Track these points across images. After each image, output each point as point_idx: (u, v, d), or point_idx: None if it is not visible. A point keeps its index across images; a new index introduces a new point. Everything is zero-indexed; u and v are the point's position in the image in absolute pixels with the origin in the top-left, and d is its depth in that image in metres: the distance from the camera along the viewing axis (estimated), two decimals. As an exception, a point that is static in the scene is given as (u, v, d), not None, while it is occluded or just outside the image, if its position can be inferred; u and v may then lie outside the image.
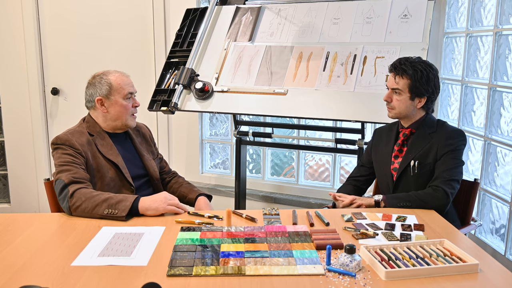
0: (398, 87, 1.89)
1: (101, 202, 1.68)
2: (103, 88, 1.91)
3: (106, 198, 1.69)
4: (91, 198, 1.69)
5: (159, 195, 1.76)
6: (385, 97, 1.95)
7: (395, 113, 1.94)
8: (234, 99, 2.64)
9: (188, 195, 2.06)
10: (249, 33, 2.83)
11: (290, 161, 3.45)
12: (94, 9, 3.51)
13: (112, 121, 1.94)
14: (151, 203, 1.72)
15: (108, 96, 1.92)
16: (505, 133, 2.44)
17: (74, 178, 1.74)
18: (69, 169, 1.77)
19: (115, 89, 1.91)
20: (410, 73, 1.87)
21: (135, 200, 1.71)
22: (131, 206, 1.68)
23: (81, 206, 1.69)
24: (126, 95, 1.93)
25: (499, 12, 2.42)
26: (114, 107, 1.92)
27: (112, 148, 1.93)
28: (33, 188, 3.75)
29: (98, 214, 1.68)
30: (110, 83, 1.91)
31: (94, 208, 1.68)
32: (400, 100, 1.91)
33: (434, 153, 1.89)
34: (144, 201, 1.72)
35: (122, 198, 1.71)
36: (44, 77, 3.64)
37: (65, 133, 1.88)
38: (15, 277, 1.25)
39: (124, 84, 1.93)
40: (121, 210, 1.67)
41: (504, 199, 2.43)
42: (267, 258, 1.36)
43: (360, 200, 1.89)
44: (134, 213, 1.70)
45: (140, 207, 1.70)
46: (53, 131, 3.69)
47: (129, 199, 1.70)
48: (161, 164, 2.20)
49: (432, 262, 1.31)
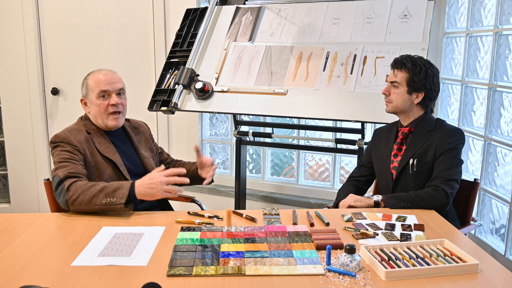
0: (396, 80, 1.93)
1: (98, 193, 1.68)
2: (83, 88, 1.95)
3: (102, 188, 1.70)
4: (87, 190, 1.69)
5: (153, 181, 1.72)
6: (384, 90, 1.98)
7: (392, 107, 1.96)
8: (234, 99, 2.64)
9: (191, 167, 2.13)
10: (249, 33, 2.83)
11: (290, 161, 3.45)
12: (94, 9, 3.51)
13: (95, 120, 1.96)
14: (146, 190, 1.71)
15: (87, 96, 1.94)
16: (505, 133, 2.44)
17: (70, 173, 1.75)
18: (66, 165, 1.77)
19: (90, 89, 1.92)
20: (408, 67, 1.90)
21: (131, 188, 1.71)
22: (128, 193, 1.69)
23: (78, 198, 1.69)
24: (98, 94, 1.90)
25: (499, 12, 2.42)
26: (92, 107, 1.93)
27: (109, 146, 1.93)
28: (33, 188, 3.75)
29: (97, 204, 1.68)
30: (87, 83, 1.93)
31: (91, 199, 1.68)
32: (397, 94, 1.93)
33: (433, 151, 1.89)
34: (139, 187, 1.71)
35: (118, 185, 1.71)
36: (44, 77, 3.64)
37: (63, 131, 1.89)
38: (15, 277, 1.25)
39: (99, 82, 1.91)
40: (119, 198, 1.67)
41: (504, 199, 2.43)
42: (267, 258, 1.36)
43: (353, 203, 1.90)
44: (132, 199, 1.71)
45: (137, 194, 1.71)
46: (53, 131, 3.69)
47: (125, 186, 1.71)
48: (163, 157, 2.22)
49: (432, 262, 1.31)
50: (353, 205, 1.89)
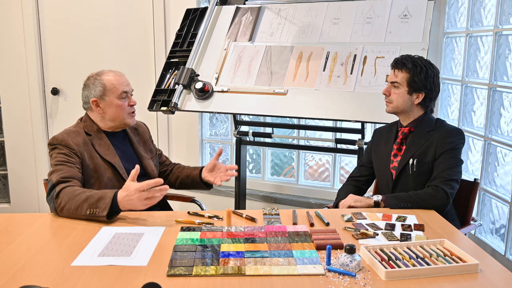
0: (397, 80, 1.92)
1: (82, 203, 1.63)
2: (97, 89, 1.91)
3: (87, 197, 1.63)
4: (73, 198, 1.65)
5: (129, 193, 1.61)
6: (384, 91, 1.98)
7: (393, 107, 1.96)
8: (234, 99, 2.64)
9: (192, 172, 2.12)
10: (249, 33, 2.83)
11: (290, 161, 3.45)
12: (94, 9, 3.51)
13: (110, 121, 1.94)
14: (127, 204, 1.62)
15: (103, 97, 1.91)
16: (505, 133, 2.44)
17: (62, 178, 1.72)
18: (61, 169, 1.76)
19: (109, 90, 1.91)
20: (409, 67, 1.90)
21: (113, 198, 1.61)
22: (110, 204, 1.60)
23: (65, 206, 1.66)
24: (120, 95, 1.92)
25: (499, 12, 2.42)
26: (110, 108, 1.92)
27: (109, 148, 1.93)
28: (33, 188, 3.75)
29: (82, 215, 1.64)
30: (104, 84, 1.91)
31: (76, 209, 1.64)
32: (398, 94, 1.92)
33: (433, 151, 1.89)
34: (121, 202, 1.62)
35: (101, 195, 1.63)
36: (44, 77, 3.64)
37: (61, 133, 1.88)
38: (15, 277, 1.25)
39: (118, 83, 1.92)
40: (102, 209, 1.60)
41: (504, 199, 2.43)
42: (267, 258, 1.36)
43: (353, 203, 1.89)
44: (116, 209, 1.62)
45: (121, 207, 1.63)
46: (53, 131, 3.69)
47: (108, 196, 1.62)
48: (162, 159, 2.21)
49: (432, 262, 1.31)
50: (353, 205, 1.89)
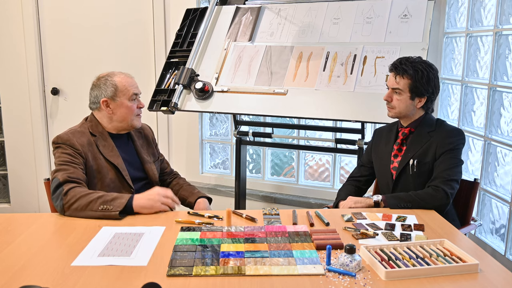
0: (399, 87, 1.90)
1: (96, 199, 1.69)
2: (108, 90, 1.92)
3: (101, 195, 1.71)
4: (85, 196, 1.70)
5: (152, 193, 1.77)
6: (385, 97, 1.95)
7: (395, 113, 1.95)
8: (234, 99, 2.64)
9: (188, 198, 2.07)
10: (249, 33, 2.83)
11: (290, 161, 3.46)
12: (94, 9, 3.51)
13: (117, 122, 1.95)
14: (145, 202, 1.73)
15: (114, 98, 1.92)
16: (505, 133, 2.44)
17: (70, 178, 1.75)
18: (66, 169, 1.77)
19: (120, 91, 1.92)
20: (410, 73, 1.87)
21: (130, 198, 1.72)
22: (126, 203, 1.69)
23: (75, 203, 1.69)
24: (131, 97, 1.94)
25: (499, 12, 2.42)
26: (120, 109, 1.93)
27: (113, 150, 1.93)
28: (33, 188, 3.75)
29: (92, 210, 1.67)
30: (116, 85, 1.92)
31: (88, 204, 1.68)
32: (400, 100, 1.91)
33: (433, 151, 1.89)
34: (138, 200, 1.73)
35: (117, 195, 1.73)
36: (44, 77, 3.64)
37: (66, 133, 1.88)
38: (15, 277, 1.25)
39: (129, 85, 1.94)
40: (116, 206, 1.68)
41: (504, 199, 2.43)
42: (267, 258, 1.36)
43: (353, 205, 1.89)
44: (129, 211, 1.71)
45: (135, 206, 1.72)
46: (53, 131, 3.69)
47: (124, 197, 1.72)
48: (163, 166, 2.20)
49: (432, 262, 1.31)
50: (353, 206, 1.88)
